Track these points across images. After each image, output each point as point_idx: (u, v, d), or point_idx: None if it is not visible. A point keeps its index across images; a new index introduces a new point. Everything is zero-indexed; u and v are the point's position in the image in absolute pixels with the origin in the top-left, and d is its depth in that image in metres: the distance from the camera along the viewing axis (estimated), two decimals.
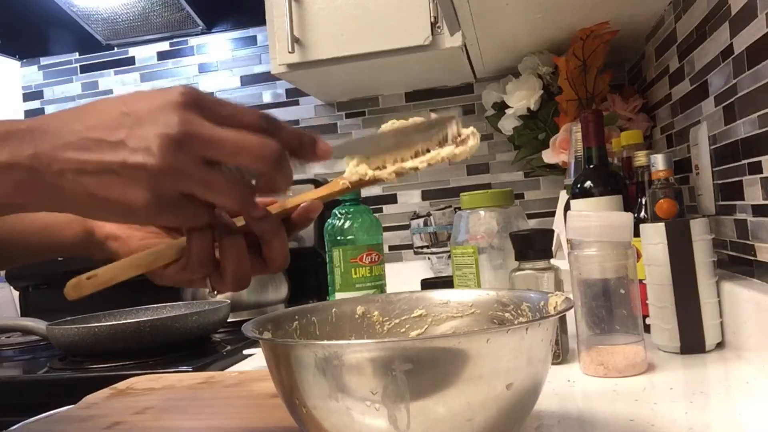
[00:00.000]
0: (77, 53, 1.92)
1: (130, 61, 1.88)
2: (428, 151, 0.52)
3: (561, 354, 0.77)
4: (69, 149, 0.41)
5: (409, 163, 0.52)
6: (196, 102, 0.42)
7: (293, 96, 1.76)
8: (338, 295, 1.12)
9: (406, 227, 1.62)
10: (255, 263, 0.51)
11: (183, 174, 0.41)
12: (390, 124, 0.53)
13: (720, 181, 0.86)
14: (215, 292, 0.53)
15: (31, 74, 1.95)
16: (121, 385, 0.81)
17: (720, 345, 0.77)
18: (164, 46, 1.86)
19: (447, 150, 0.52)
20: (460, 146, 0.52)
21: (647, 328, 0.79)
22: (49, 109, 1.93)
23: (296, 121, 1.75)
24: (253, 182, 0.45)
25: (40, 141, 0.41)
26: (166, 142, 0.40)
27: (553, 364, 0.73)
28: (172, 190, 0.42)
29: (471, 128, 0.53)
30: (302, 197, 0.52)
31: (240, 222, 0.50)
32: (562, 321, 0.78)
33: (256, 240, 0.50)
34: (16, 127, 0.42)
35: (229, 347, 1.12)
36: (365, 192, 1.62)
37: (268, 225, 0.49)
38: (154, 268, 0.51)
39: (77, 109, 0.43)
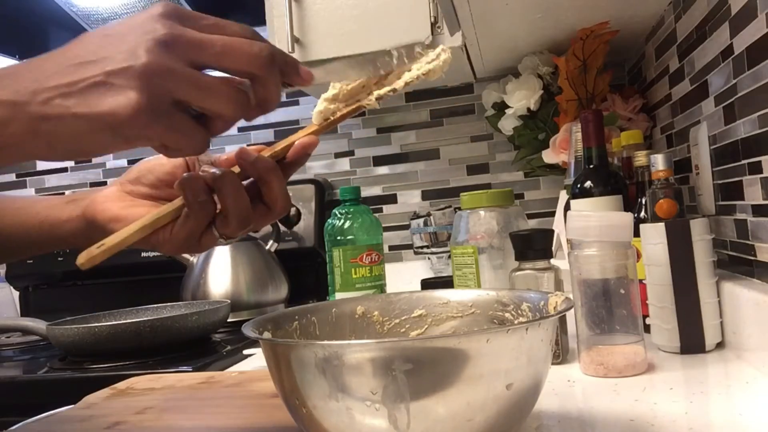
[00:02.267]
0: None
1: None
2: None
3: (561, 354, 0.77)
4: (53, 78, 0.39)
5: (386, 88, 0.53)
6: (177, 13, 0.42)
7: (293, 96, 1.76)
8: (338, 295, 1.12)
9: (406, 227, 1.62)
10: (258, 209, 0.52)
11: (173, 73, 0.39)
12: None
13: (720, 181, 0.86)
14: (224, 240, 0.53)
15: None
16: (121, 385, 0.81)
17: (720, 345, 0.77)
18: None
19: (421, 68, 0.53)
20: (433, 62, 0.53)
21: (647, 328, 0.79)
22: None
23: (296, 121, 1.75)
24: None
25: (20, 79, 0.40)
26: (152, 44, 0.39)
27: (553, 364, 0.73)
28: (163, 93, 0.39)
29: (441, 46, 0.54)
30: (290, 139, 0.53)
31: (235, 170, 0.51)
32: (562, 321, 0.78)
33: (256, 188, 0.51)
34: None
35: (229, 347, 1.12)
36: (365, 192, 1.62)
37: (263, 164, 0.50)
38: (159, 228, 0.51)
39: (58, 49, 0.42)
